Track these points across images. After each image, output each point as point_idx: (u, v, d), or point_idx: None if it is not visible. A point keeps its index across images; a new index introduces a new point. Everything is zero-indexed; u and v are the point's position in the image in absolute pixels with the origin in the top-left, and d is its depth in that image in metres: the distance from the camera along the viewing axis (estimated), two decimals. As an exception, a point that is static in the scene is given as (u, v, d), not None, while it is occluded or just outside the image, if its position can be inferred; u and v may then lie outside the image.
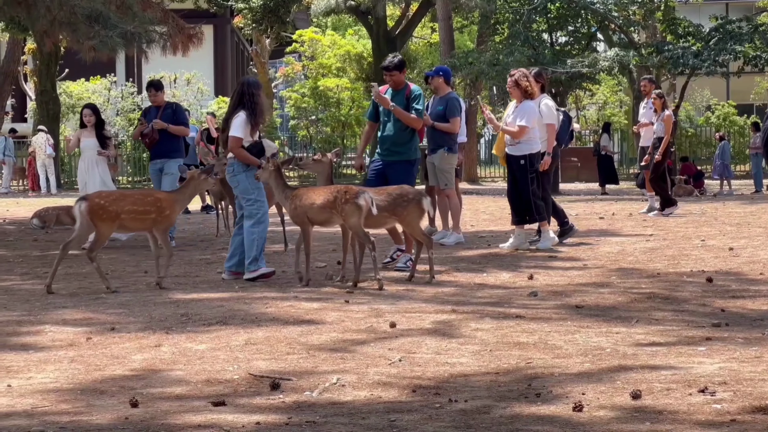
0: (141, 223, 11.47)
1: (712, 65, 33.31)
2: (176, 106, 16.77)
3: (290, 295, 10.64)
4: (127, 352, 7.94)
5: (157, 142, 16.13)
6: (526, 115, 14.11)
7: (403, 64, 13.20)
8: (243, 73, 52.31)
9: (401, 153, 12.89)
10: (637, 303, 9.90)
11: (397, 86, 13.09)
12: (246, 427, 5.78)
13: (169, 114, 16.23)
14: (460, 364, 7.32)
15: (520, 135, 14.17)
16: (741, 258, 13.11)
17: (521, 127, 14.11)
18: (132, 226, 11.64)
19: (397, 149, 12.90)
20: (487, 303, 10.05)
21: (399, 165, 12.83)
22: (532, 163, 14.23)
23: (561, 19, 36.15)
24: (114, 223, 11.32)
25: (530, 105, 14.23)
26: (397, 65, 13.07)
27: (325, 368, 7.25)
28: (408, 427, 5.75)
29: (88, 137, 16.28)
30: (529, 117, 14.11)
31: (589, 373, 6.97)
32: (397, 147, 12.90)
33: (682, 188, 28.57)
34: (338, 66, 44.75)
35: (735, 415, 5.84)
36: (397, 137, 12.90)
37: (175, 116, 16.29)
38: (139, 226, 11.59)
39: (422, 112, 12.98)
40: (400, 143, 12.91)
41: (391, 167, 12.86)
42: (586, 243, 15.19)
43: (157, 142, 16.12)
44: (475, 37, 46.24)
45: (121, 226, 11.47)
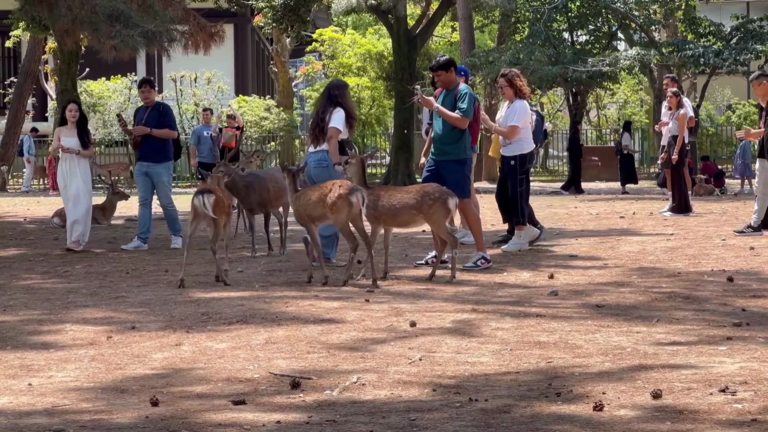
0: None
1: (733, 64, 33.21)
2: (164, 108, 16.14)
3: (310, 294, 10.65)
4: (148, 351, 7.96)
5: (143, 143, 15.69)
6: (518, 115, 14.10)
7: (449, 64, 12.98)
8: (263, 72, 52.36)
9: (450, 153, 12.76)
10: (658, 302, 9.88)
11: (447, 86, 12.98)
12: (266, 426, 5.79)
13: (155, 115, 15.72)
14: (480, 363, 7.32)
15: (512, 135, 14.15)
16: (762, 257, 13.07)
17: (512, 127, 14.09)
18: None
19: (446, 149, 12.80)
20: (508, 302, 10.05)
21: (449, 165, 12.73)
22: (522, 164, 14.17)
23: (581, 18, 36.08)
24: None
25: (522, 105, 14.23)
26: (442, 65, 12.97)
27: (345, 367, 7.25)
28: (428, 426, 5.75)
29: (69, 136, 15.51)
30: (520, 117, 14.09)
31: (610, 372, 6.96)
32: (446, 146, 12.79)
33: (703, 187, 28.47)
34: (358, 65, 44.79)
35: (756, 414, 5.82)
36: (445, 137, 12.82)
37: (162, 118, 15.75)
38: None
39: (466, 111, 12.71)
40: (448, 143, 12.79)
41: (442, 167, 12.81)
42: (606, 242, 15.16)
43: (143, 142, 15.69)
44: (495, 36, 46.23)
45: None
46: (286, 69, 45.56)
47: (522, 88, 14.15)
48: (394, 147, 36.21)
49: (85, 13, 19.19)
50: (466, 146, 12.84)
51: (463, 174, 12.78)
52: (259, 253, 14.54)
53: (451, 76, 12.95)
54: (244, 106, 41.64)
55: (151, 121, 15.66)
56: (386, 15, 36.40)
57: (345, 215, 11.27)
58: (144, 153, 15.75)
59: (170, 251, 15.26)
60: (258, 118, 41.35)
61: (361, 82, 43.48)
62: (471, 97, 12.82)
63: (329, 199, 11.26)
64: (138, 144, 15.81)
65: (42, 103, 48.03)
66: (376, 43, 45.59)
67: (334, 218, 11.37)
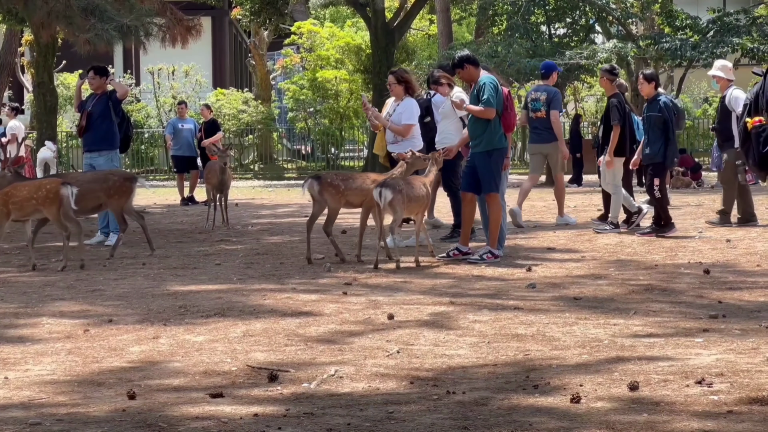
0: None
1: (710, 57, 33.28)
2: (113, 95, 15.49)
3: (288, 287, 10.65)
4: (125, 344, 7.94)
5: (86, 132, 15.25)
6: (412, 113, 14.11)
7: (463, 61, 12.87)
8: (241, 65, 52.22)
9: (477, 145, 12.68)
10: (635, 294, 9.91)
11: (470, 82, 12.99)
12: (244, 418, 5.79)
13: (103, 103, 15.22)
14: (458, 356, 7.33)
15: (407, 133, 14.16)
16: (738, 250, 13.11)
17: (407, 125, 14.09)
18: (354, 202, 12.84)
19: (474, 141, 12.73)
20: (485, 295, 10.06)
21: (478, 156, 12.66)
22: None
23: (559, 11, 36.14)
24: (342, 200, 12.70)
25: (413, 103, 14.24)
26: (456, 63, 13.01)
27: (323, 360, 7.26)
28: (406, 418, 5.75)
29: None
30: (412, 114, 14.12)
31: (587, 364, 6.98)
32: (474, 139, 12.72)
33: (680, 180, 28.54)
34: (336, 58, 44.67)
35: (732, 406, 5.85)
36: (472, 130, 12.76)
37: (110, 103, 15.22)
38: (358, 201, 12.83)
39: (486, 101, 12.46)
40: (475, 135, 12.70)
41: (474, 158, 12.81)
42: (584, 235, 15.19)
43: (87, 131, 15.24)
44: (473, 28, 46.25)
45: (347, 202, 12.78)
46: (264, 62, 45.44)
47: (413, 85, 14.16)
48: (371, 140, 36.18)
49: (60, 6, 19.11)
50: (492, 137, 12.57)
51: (489, 166, 12.64)
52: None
53: (469, 71, 12.85)
54: (222, 99, 41.52)
55: (99, 109, 15.19)
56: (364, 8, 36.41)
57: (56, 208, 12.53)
58: (86, 143, 15.39)
59: (146, 244, 15.17)
60: (236, 111, 41.26)
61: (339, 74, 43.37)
62: (491, 86, 12.52)
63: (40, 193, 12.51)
64: (82, 132, 15.40)
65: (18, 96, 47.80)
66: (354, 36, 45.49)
67: (46, 212, 12.61)
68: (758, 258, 12.28)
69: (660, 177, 14.77)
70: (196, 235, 16.53)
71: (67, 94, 42.78)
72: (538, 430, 5.53)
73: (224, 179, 17.76)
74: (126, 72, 44.12)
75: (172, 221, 19.38)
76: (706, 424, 5.54)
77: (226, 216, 17.88)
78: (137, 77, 44.44)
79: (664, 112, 14.63)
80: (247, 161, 42.62)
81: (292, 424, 5.68)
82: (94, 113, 15.18)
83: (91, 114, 15.18)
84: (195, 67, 43.37)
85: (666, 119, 14.61)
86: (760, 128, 6.64)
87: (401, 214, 12.38)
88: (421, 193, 12.43)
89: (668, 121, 14.62)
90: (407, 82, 14.30)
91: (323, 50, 44.92)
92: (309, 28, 45.58)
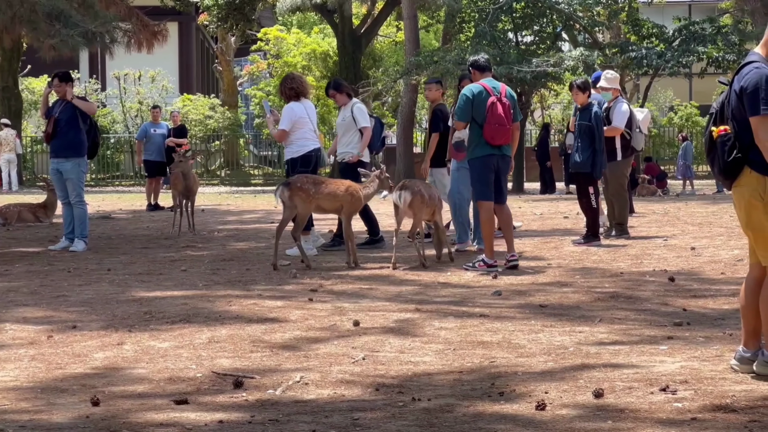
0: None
1: (676, 66, 33.50)
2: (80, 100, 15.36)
3: (254, 293, 10.63)
4: (89, 350, 7.90)
5: (54, 138, 15.06)
6: (285, 118, 14.14)
7: (470, 65, 12.96)
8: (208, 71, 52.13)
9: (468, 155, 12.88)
10: (600, 302, 9.93)
11: None
12: (209, 425, 5.76)
13: (69, 110, 15.04)
14: (423, 363, 7.33)
15: (281, 138, 14.25)
16: (702, 257, 13.18)
17: (281, 131, 14.15)
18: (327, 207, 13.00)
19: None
20: (451, 302, 10.06)
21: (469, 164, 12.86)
22: (293, 168, 14.07)
23: (526, 19, 36.21)
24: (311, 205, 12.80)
25: (289, 108, 14.22)
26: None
27: (288, 366, 7.24)
28: (371, 425, 5.74)
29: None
30: (285, 120, 14.12)
31: (552, 371, 6.99)
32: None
33: (646, 188, 28.71)
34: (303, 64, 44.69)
35: (696, 413, 5.86)
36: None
37: (77, 110, 15.05)
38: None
39: (456, 115, 12.61)
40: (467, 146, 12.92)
41: None
42: (550, 242, 15.23)
43: (54, 137, 15.05)
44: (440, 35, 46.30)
45: (318, 207, 12.87)
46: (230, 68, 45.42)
47: (296, 89, 14.22)
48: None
49: (24, 11, 18.99)
50: (474, 147, 12.59)
51: (472, 175, 12.70)
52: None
53: (464, 83, 13.51)
54: (189, 104, 41.44)
55: (66, 114, 15.01)
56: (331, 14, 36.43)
57: None
58: (54, 149, 15.19)
59: (112, 249, 15.15)
60: (203, 117, 41.19)
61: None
62: (463, 98, 12.54)
63: None
64: (49, 139, 15.21)
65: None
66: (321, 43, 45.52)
67: None
68: (722, 266, 12.34)
69: (593, 185, 14.82)
70: (162, 241, 16.48)
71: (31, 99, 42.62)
72: (503, 437, 5.53)
73: (188, 185, 17.72)
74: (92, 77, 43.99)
75: (137, 227, 19.32)
76: (670, 431, 5.56)
77: (192, 222, 17.84)
78: (103, 82, 44.31)
79: (593, 121, 14.67)
80: (214, 167, 42.55)
81: (257, 430, 5.66)
82: (61, 120, 15.00)
83: (58, 120, 15.01)
84: (161, 72, 43.31)
85: (594, 129, 14.65)
86: (725, 137, 6.67)
87: (421, 216, 12.54)
88: (437, 196, 13.00)
89: (596, 131, 14.66)
90: (289, 89, 14.30)
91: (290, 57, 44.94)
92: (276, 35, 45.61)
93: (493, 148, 12.44)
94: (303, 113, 14.19)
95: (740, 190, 6.68)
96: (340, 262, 13.10)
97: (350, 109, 14.63)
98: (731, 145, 6.64)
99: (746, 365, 6.82)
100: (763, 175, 6.54)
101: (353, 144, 14.56)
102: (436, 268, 12.47)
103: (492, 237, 12.50)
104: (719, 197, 27.95)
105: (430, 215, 12.93)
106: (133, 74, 42.66)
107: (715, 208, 21.56)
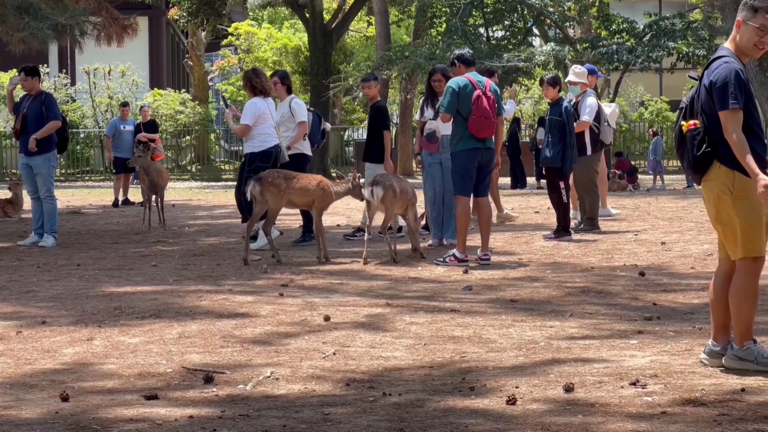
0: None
1: (646, 61, 33.62)
2: (46, 97, 15.17)
3: (224, 288, 10.61)
4: (58, 346, 7.86)
5: (23, 134, 14.91)
6: (248, 113, 14.12)
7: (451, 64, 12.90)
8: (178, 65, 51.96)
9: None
10: (571, 297, 9.95)
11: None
12: (179, 420, 5.74)
13: (37, 105, 14.92)
14: (394, 358, 7.32)
15: (243, 133, 14.24)
16: (673, 252, 13.22)
17: (244, 126, 14.14)
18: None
19: None
20: (422, 297, 10.07)
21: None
22: (251, 162, 14.06)
23: (497, 14, 36.29)
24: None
25: (252, 103, 14.22)
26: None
27: (258, 361, 7.22)
28: (342, 420, 5.74)
29: None
30: (248, 115, 14.12)
31: (523, 366, 7.00)
32: None
33: (616, 183, 28.77)
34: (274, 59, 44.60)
35: (665, 407, 5.88)
36: None
37: (44, 108, 14.92)
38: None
39: (443, 106, 12.49)
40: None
41: None
42: (521, 237, 15.25)
43: (23, 133, 14.91)
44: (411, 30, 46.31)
45: (289, 202, 12.89)
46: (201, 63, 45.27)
47: (258, 87, 14.19)
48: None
49: (-8, 4, 18.87)
50: (454, 141, 12.58)
51: (454, 168, 12.64)
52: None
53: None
54: (159, 99, 41.29)
55: (34, 111, 14.89)
56: (302, 9, 36.37)
57: None
58: (23, 145, 15.00)
59: (81, 245, 15.09)
60: (173, 112, 41.06)
61: (277, 76, 43.41)
62: (449, 91, 12.49)
63: None
64: (18, 135, 15.09)
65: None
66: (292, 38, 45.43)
67: None
68: (692, 260, 12.39)
69: (564, 180, 14.85)
70: (132, 237, 16.42)
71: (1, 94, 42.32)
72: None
73: (152, 180, 17.67)
74: (61, 72, 43.77)
75: (107, 222, 19.25)
76: (640, 425, 5.57)
77: (163, 217, 17.79)
78: (72, 77, 44.10)
79: (563, 116, 14.71)
80: (184, 162, 42.42)
81: (228, 426, 5.65)
82: (29, 115, 14.89)
83: (26, 116, 14.93)
84: (132, 67, 43.12)
85: (565, 124, 14.69)
86: (694, 131, 6.70)
87: (392, 211, 12.54)
88: (410, 190, 12.94)
89: (567, 126, 14.70)
90: (249, 84, 14.31)
91: (261, 52, 44.85)
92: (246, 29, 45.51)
93: (477, 142, 12.43)
94: (266, 109, 14.19)
95: (709, 185, 6.71)
96: (311, 257, 13.09)
97: (288, 104, 14.61)
98: (701, 139, 6.67)
99: (715, 359, 6.85)
100: (731, 170, 6.57)
101: (290, 138, 14.56)
102: (407, 263, 12.48)
103: (465, 232, 12.49)
104: (689, 192, 28.05)
105: (403, 210, 12.92)
106: (103, 69, 42.45)
107: (685, 203, 21.64)
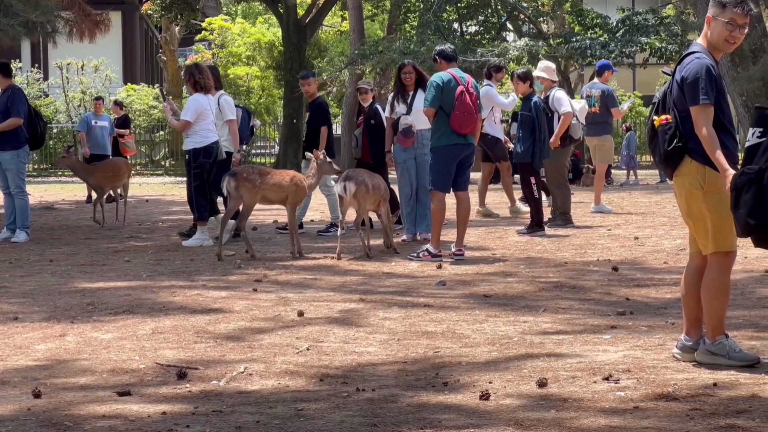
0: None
1: (619, 56, 33.64)
2: (13, 91, 14.98)
3: (198, 284, 10.59)
4: (31, 342, 7.83)
5: None
6: (190, 109, 14.05)
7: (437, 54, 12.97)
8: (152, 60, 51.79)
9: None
10: (544, 292, 9.98)
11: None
12: (152, 416, 5.73)
13: (4, 99, 14.73)
14: (367, 353, 7.33)
15: (183, 128, 14.21)
16: (646, 247, 13.26)
17: (184, 121, 14.08)
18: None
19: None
20: (395, 292, 10.07)
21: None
22: (195, 158, 14.02)
23: (471, 9, 36.27)
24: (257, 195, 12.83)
25: (194, 99, 14.15)
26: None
27: (232, 357, 7.22)
28: (315, 416, 5.74)
29: None
30: (188, 111, 14.05)
31: (497, 361, 7.01)
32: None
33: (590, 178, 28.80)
34: (248, 54, 44.49)
35: (638, 402, 5.91)
36: None
37: (9, 102, 14.74)
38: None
39: (426, 101, 12.48)
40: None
41: None
42: (494, 232, 15.27)
43: None
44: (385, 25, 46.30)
45: (264, 198, 12.91)
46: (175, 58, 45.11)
47: (201, 83, 14.12)
48: (283, 137, 36.16)
49: (-38, 0, 18.78)
50: (435, 136, 12.55)
51: (434, 163, 12.57)
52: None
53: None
54: (133, 94, 41.15)
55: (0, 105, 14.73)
56: (276, 4, 36.28)
57: None
58: None
59: (54, 240, 15.04)
60: (147, 107, 40.93)
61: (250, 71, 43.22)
62: (433, 86, 12.48)
63: None
64: None
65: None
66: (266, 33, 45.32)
67: None
68: (665, 255, 12.43)
69: (535, 176, 14.88)
70: (105, 232, 16.37)
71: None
72: (447, 427, 5.54)
73: (84, 179, 17.88)
74: (34, 66, 43.56)
75: (80, 217, 19.18)
76: (612, 420, 5.59)
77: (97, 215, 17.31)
78: (45, 72, 43.87)
79: (533, 111, 14.75)
80: (158, 157, 42.29)
81: (201, 422, 5.64)
82: None
83: None
84: (105, 62, 42.94)
85: (534, 119, 14.73)
86: (666, 126, 6.73)
87: (365, 206, 12.54)
88: (383, 186, 13.02)
89: (536, 121, 14.74)
90: (191, 80, 14.27)
91: (234, 46, 44.74)
92: (220, 24, 45.38)
93: (459, 137, 12.42)
94: (207, 105, 14.13)
95: (681, 179, 6.74)
96: (285, 252, 13.09)
97: (217, 100, 14.58)
98: (672, 134, 6.70)
99: (688, 354, 6.88)
100: (702, 165, 6.61)
101: (224, 136, 14.53)
102: (380, 258, 12.48)
103: (440, 227, 12.50)
104: (662, 187, 28.12)
105: (376, 205, 12.93)
106: (76, 64, 42.26)
107: (658, 198, 21.70)
